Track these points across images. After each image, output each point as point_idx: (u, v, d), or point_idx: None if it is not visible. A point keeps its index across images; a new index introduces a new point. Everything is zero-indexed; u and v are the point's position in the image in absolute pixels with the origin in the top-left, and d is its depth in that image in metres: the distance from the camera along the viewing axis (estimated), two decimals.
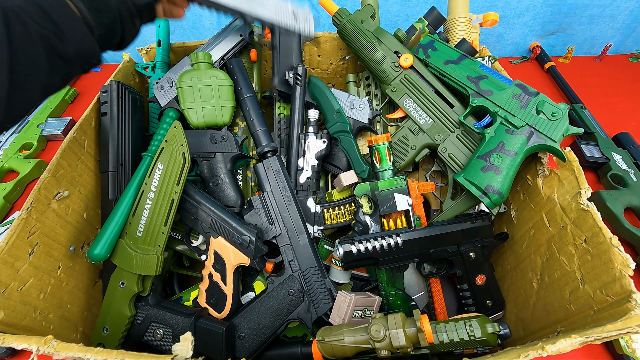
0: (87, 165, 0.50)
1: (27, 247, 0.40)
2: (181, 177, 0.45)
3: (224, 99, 0.54)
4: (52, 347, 0.31)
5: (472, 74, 0.51)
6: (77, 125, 0.49)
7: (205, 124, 0.54)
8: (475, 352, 0.38)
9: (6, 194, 0.66)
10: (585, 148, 0.70)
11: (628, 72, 0.94)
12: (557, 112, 0.45)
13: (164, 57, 0.65)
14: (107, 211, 0.49)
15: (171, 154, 0.45)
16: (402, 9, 0.88)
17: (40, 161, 0.73)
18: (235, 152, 0.54)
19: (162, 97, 0.58)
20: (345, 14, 0.59)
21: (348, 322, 0.45)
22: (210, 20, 0.93)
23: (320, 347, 0.41)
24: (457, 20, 0.64)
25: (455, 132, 0.54)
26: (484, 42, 0.96)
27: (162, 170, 0.45)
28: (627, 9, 0.89)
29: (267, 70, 0.74)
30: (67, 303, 0.45)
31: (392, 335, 0.38)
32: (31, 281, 0.40)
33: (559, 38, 0.98)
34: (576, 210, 0.40)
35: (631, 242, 0.58)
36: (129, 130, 0.53)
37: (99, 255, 0.43)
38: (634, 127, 0.79)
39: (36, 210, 0.41)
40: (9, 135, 0.79)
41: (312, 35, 0.59)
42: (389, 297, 0.50)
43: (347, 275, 0.55)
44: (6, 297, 0.37)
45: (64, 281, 0.45)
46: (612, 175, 0.66)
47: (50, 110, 0.83)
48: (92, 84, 0.96)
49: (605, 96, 0.86)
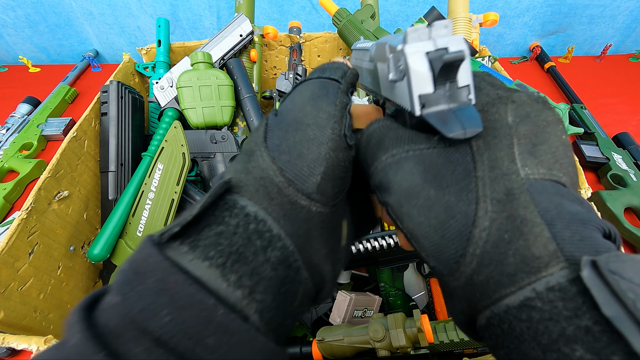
0: (87, 165, 0.50)
1: (27, 247, 0.40)
2: (181, 177, 0.45)
3: (224, 99, 0.54)
4: None
5: None
6: (77, 125, 0.49)
7: (205, 124, 0.54)
8: (476, 352, 0.38)
9: (6, 194, 0.66)
10: (585, 148, 0.70)
11: (628, 72, 0.94)
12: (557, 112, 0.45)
13: (164, 57, 0.65)
14: (107, 211, 0.49)
15: (171, 154, 0.45)
16: (402, 9, 0.88)
17: (40, 161, 0.73)
18: (235, 152, 0.54)
19: (162, 97, 0.58)
20: (345, 14, 0.59)
21: (348, 322, 0.45)
22: (210, 20, 0.93)
23: (320, 347, 0.41)
24: (457, 20, 0.64)
25: None
26: (484, 42, 0.96)
27: (162, 170, 0.45)
28: (627, 9, 0.89)
29: (267, 70, 0.74)
30: (67, 303, 0.45)
31: (392, 335, 0.38)
32: (31, 281, 0.40)
33: (559, 38, 0.98)
34: None
35: (631, 242, 0.58)
36: (129, 130, 0.53)
37: (99, 255, 0.43)
38: (634, 127, 0.79)
39: (36, 210, 0.41)
40: (9, 135, 0.79)
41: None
42: (389, 297, 0.50)
43: (347, 275, 0.55)
44: (6, 297, 0.37)
45: (64, 281, 0.45)
46: (612, 175, 0.66)
47: (50, 110, 0.83)
48: (92, 84, 0.96)
49: (605, 96, 0.86)
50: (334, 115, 0.19)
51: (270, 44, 0.69)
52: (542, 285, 0.13)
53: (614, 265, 0.12)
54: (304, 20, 0.91)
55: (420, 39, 0.16)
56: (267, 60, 0.72)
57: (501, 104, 0.17)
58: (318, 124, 0.19)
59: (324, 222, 0.19)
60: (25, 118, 0.83)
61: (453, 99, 0.17)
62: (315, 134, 0.19)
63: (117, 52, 1.03)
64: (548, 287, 0.13)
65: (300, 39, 0.68)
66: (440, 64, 0.16)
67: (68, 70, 0.96)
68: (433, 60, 0.16)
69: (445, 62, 0.15)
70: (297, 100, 0.20)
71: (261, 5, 0.87)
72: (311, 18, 0.91)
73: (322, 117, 0.19)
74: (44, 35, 0.99)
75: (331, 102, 0.20)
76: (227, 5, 0.89)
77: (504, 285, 0.14)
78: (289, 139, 0.19)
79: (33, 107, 0.86)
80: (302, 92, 0.21)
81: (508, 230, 0.14)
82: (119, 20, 0.94)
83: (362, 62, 0.27)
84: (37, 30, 0.97)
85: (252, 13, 0.66)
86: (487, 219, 0.15)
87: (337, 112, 0.19)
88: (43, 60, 1.06)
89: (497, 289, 0.14)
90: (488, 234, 0.15)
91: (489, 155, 0.16)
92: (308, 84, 0.21)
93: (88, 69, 1.01)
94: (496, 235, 0.15)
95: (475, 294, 0.15)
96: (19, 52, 1.02)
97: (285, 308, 0.17)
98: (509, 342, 0.14)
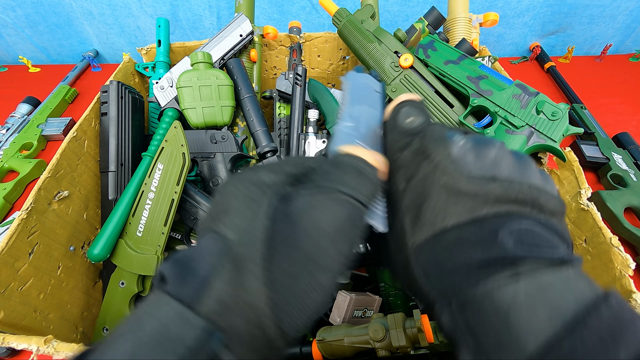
0: (87, 165, 0.50)
1: (27, 247, 0.40)
2: (181, 177, 0.45)
3: (224, 99, 0.54)
4: (52, 347, 0.31)
5: (472, 74, 0.51)
6: (77, 125, 0.49)
7: (205, 124, 0.54)
8: None
9: (6, 194, 0.66)
10: (585, 148, 0.70)
11: (628, 72, 0.94)
12: (557, 112, 0.45)
13: (164, 57, 0.65)
14: (107, 211, 0.49)
15: (171, 154, 0.45)
16: (402, 9, 0.88)
17: (40, 161, 0.73)
18: (235, 152, 0.54)
19: (162, 97, 0.58)
20: (345, 14, 0.59)
21: (348, 322, 0.45)
22: (210, 20, 0.93)
23: (320, 347, 0.41)
24: (457, 20, 0.64)
25: None
26: (484, 42, 0.96)
27: (162, 170, 0.45)
28: (627, 9, 0.89)
29: (267, 70, 0.74)
30: (67, 303, 0.45)
31: (392, 335, 0.38)
32: (31, 281, 0.40)
33: (559, 38, 0.98)
34: (576, 210, 0.40)
35: (631, 242, 0.58)
36: (129, 130, 0.53)
37: (99, 255, 0.43)
38: (634, 127, 0.79)
39: (36, 210, 0.41)
40: (9, 135, 0.79)
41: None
42: (389, 297, 0.50)
43: (347, 275, 0.55)
44: (6, 297, 0.37)
45: (64, 281, 0.45)
46: (612, 175, 0.66)
47: (50, 110, 0.83)
48: (92, 84, 0.96)
49: (605, 96, 0.86)
50: (349, 256, 0.17)
51: (270, 44, 0.69)
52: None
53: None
54: (304, 20, 0.91)
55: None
56: (267, 60, 0.72)
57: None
58: (333, 270, 0.16)
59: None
60: (25, 118, 0.83)
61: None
62: (327, 283, 0.16)
63: (117, 52, 1.03)
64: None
65: (300, 39, 0.68)
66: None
67: (68, 70, 0.96)
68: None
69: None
70: (317, 222, 0.16)
71: (261, 5, 0.87)
72: (311, 18, 0.91)
73: (340, 260, 0.16)
74: (44, 35, 0.99)
75: (353, 242, 0.17)
76: (227, 5, 0.89)
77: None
78: (298, 284, 0.15)
79: (33, 107, 0.86)
80: (324, 215, 0.16)
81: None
82: (119, 20, 0.94)
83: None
84: (37, 30, 0.97)
85: (252, 13, 0.66)
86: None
87: (351, 253, 0.17)
88: (43, 60, 1.06)
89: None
90: None
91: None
92: (334, 204, 0.17)
93: (88, 69, 1.01)
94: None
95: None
96: (19, 52, 1.02)
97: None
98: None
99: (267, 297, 0.14)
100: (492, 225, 0.16)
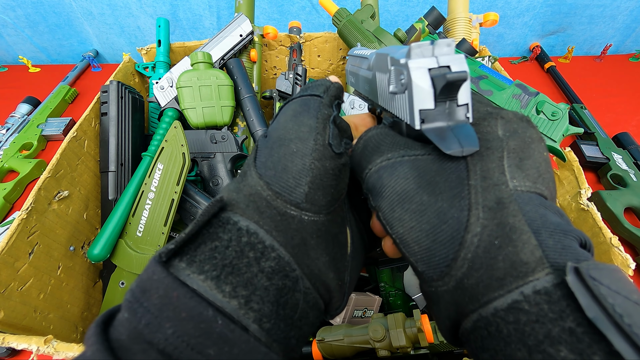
0: (87, 165, 0.50)
1: (27, 247, 0.40)
2: (181, 177, 0.45)
3: (224, 99, 0.54)
4: (52, 347, 0.31)
5: (472, 74, 0.51)
6: (77, 125, 0.49)
7: (205, 124, 0.54)
8: None
9: (6, 194, 0.66)
10: (585, 148, 0.70)
11: (628, 72, 0.94)
12: (557, 112, 0.46)
13: (164, 57, 0.65)
14: (107, 211, 0.49)
15: (171, 154, 0.45)
16: (402, 9, 0.88)
17: (40, 161, 0.73)
18: (235, 152, 0.54)
19: (162, 97, 0.58)
20: (345, 14, 0.59)
21: (348, 322, 0.45)
22: (210, 20, 0.93)
23: (320, 347, 0.41)
24: (457, 20, 0.64)
25: None
26: (484, 42, 0.96)
27: (162, 170, 0.45)
28: (627, 9, 0.89)
29: (267, 70, 0.74)
30: (67, 303, 0.45)
31: (392, 335, 0.38)
32: (31, 281, 0.40)
33: (559, 38, 0.98)
34: (576, 210, 0.40)
35: (631, 242, 0.58)
36: (129, 130, 0.53)
37: (99, 255, 0.43)
38: (634, 127, 0.79)
39: (36, 210, 0.41)
40: (9, 136, 0.79)
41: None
42: (389, 297, 0.50)
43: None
44: (6, 297, 0.37)
45: (64, 281, 0.45)
46: (612, 175, 0.66)
47: (50, 110, 0.83)
48: (92, 84, 0.96)
49: (605, 96, 0.86)
50: (316, 127, 0.20)
51: (270, 44, 0.69)
52: (530, 288, 0.14)
53: (593, 272, 0.13)
54: (304, 20, 0.91)
55: (423, 55, 0.17)
56: (267, 60, 0.72)
57: (492, 119, 0.18)
58: (300, 137, 0.20)
59: (320, 231, 0.19)
60: (25, 118, 0.83)
61: (452, 117, 0.17)
62: (298, 147, 0.19)
63: (117, 52, 1.03)
64: (535, 290, 0.14)
65: (300, 39, 0.68)
66: (442, 82, 0.16)
67: (68, 70, 0.96)
68: (435, 78, 0.16)
69: (448, 81, 0.16)
70: (281, 120, 0.21)
71: (261, 5, 0.87)
72: (311, 18, 0.91)
73: (304, 130, 0.20)
74: (44, 35, 0.99)
75: (312, 116, 0.20)
76: (227, 5, 0.89)
77: (493, 288, 0.15)
78: (274, 155, 0.19)
79: (33, 107, 0.86)
80: (286, 111, 0.22)
81: (498, 236, 0.15)
82: (119, 20, 0.94)
83: (359, 69, 0.26)
84: (37, 30, 0.97)
85: (252, 13, 0.66)
86: (479, 225, 0.16)
87: (318, 124, 0.20)
88: (43, 60, 1.06)
89: (486, 292, 0.15)
90: (480, 239, 0.15)
91: (482, 166, 0.17)
92: (291, 104, 0.22)
93: (88, 69, 1.01)
94: (487, 240, 0.15)
95: (464, 297, 0.16)
96: (19, 52, 1.02)
97: (288, 319, 0.17)
98: (495, 344, 0.14)
99: (255, 173, 0.19)
100: None
